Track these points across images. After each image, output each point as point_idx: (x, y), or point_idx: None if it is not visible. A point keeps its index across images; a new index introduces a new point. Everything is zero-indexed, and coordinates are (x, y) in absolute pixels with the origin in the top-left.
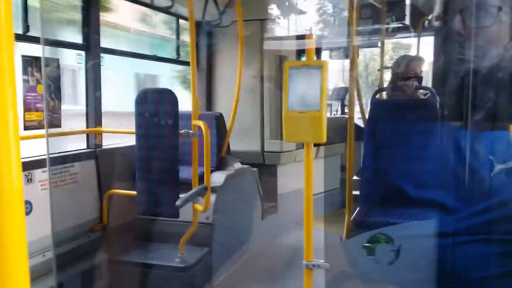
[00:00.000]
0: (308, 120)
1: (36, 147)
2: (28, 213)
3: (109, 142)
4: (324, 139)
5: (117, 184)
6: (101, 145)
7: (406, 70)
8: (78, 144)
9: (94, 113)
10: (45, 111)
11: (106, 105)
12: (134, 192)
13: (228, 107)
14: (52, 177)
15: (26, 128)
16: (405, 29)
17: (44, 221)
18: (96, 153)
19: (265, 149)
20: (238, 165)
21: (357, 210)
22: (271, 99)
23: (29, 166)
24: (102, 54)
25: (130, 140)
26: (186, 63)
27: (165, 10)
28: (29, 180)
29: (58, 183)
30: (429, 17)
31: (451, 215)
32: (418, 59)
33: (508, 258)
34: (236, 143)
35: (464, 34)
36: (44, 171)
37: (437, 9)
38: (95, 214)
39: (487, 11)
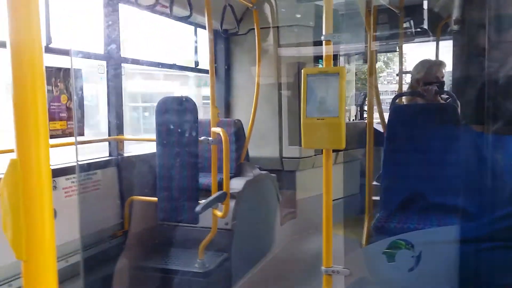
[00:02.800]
0: (327, 127)
1: (58, 155)
2: None
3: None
4: (343, 145)
5: (138, 191)
6: (122, 153)
7: (427, 74)
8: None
9: (115, 122)
10: (75, 120)
11: None
12: (155, 199)
13: (246, 114)
14: (75, 184)
15: (50, 137)
16: (423, 33)
17: (68, 227)
18: (118, 161)
19: (284, 155)
20: (256, 171)
21: (377, 216)
22: (289, 105)
23: (54, 173)
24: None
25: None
26: (205, 71)
27: (184, 20)
28: (53, 187)
29: (81, 190)
30: (448, 21)
31: (473, 221)
32: (439, 64)
33: None
34: (255, 150)
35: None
36: (68, 179)
37: (456, 13)
38: (117, 220)
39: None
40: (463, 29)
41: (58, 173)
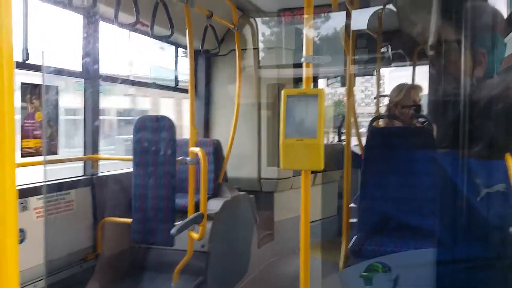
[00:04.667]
0: (306, 148)
1: (33, 174)
2: (21, 241)
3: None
4: (322, 167)
5: (112, 211)
6: (97, 173)
7: (404, 98)
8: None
9: (91, 140)
10: (43, 138)
11: None
12: (129, 220)
13: (226, 134)
14: (47, 205)
15: (23, 155)
16: (400, 58)
17: (38, 250)
18: (92, 180)
19: (262, 176)
20: (235, 192)
21: (354, 238)
22: (268, 126)
23: (24, 193)
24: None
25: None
26: (184, 91)
27: (165, 39)
28: (24, 208)
29: (53, 211)
30: (424, 47)
31: (448, 245)
32: (416, 88)
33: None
34: (233, 170)
35: (457, 64)
36: (40, 198)
37: (431, 39)
38: (89, 242)
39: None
40: (438, 54)
41: (29, 192)
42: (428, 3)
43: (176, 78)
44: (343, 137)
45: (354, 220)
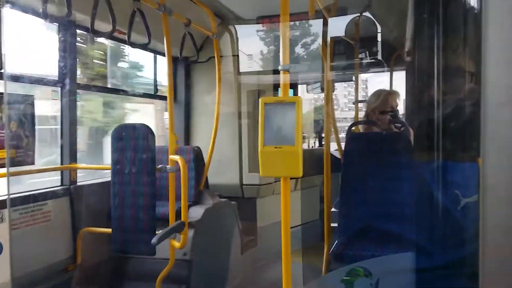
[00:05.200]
0: (284, 155)
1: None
2: None
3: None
4: (301, 173)
5: (92, 221)
6: (75, 182)
7: (381, 104)
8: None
9: (69, 149)
10: (6, 147)
11: None
12: (109, 230)
13: (206, 140)
14: (24, 216)
15: None
16: (378, 64)
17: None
18: (70, 190)
19: (244, 182)
20: (216, 199)
21: (335, 243)
22: (249, 132)
23: (1, 205)
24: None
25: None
26: (164, 98)
27: (142, 47)
28: (2, 219)
29: (30, 222)
30: (401, 53)
31: (426, 251)
32: (393, 93)
33: None
34: (214, 177)
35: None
36: (16, 210)
37: (408, 45)
38: (68, 253)
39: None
40: (414, 60)
41: (4, 204)
42: (404, 10)
43: (155, 85)
44: (323, 142)
45: (335, 224)
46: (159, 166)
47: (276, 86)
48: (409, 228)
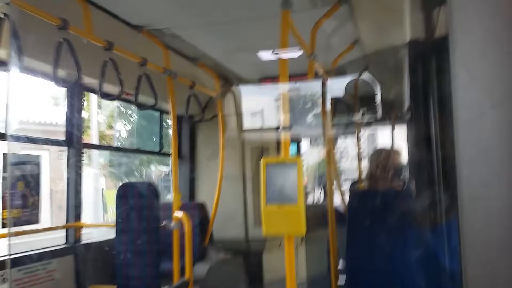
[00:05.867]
0: (287, 214)
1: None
2: None
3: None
4: (304, 232)
5: (96, 279)
6: (80, 240)
7: (383, 162)
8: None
9: (74, 208)
10: (8, 208)
11: None
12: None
13: (211, 196)
14: (28, 275)
15: (3, 226)
16: (379, 120)
17: None
18: (75, 249)
19: (250, 237)
20: (221, 255)
21: None
22: (253, 187)
23: (5, 265)
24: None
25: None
26: (169, 155)
27: (149, 108)
28: (4, 279)
29: (35, 281)
30: (401, 110)
31: None
32: (395, 152)
33: None
34: (220, 232)
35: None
36: (20, 270)
37: (407, 103)
38: None
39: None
40: (412, 119)
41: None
42: (401, 72)
43: (160, 143)
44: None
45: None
46: (163, 223)
47: (279, 143)
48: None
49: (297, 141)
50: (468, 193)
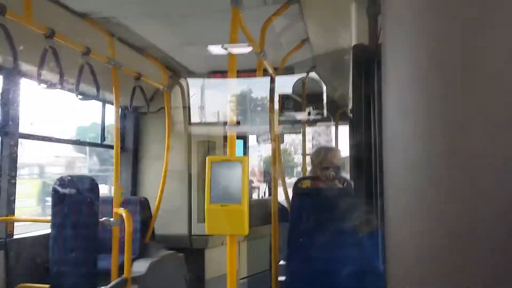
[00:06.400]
0: (230, 213)
1: None
2: None
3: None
4: (246, 232)
5: (28, 276)
6: (12, 235)
7: (323, 160)
8: None
9: (6, 200)
10: None
11: None
12: (47, 286)
13: (155, 190)
14: None
15: None
16: (325, 119)
17: None
18: (6, 243)
19: (193, 233)
20: (162, 252)
21: None
22: (198, 182)
23: None
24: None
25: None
26: (111, 147)
27: (91, 98)
28: None
29: None
30: (345, 110)
31: None
32: (334, 150)
33: None
34: (162, 227)
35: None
36: None
37: (350, 103)
38: None
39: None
40: (354, 118)
41: None
42: (346, 73)
43: (102, 134)
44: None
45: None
46: (103, 219)
47: (226, 138)
48: (356, 285)
49: (244, 138)
50: (393, 201)
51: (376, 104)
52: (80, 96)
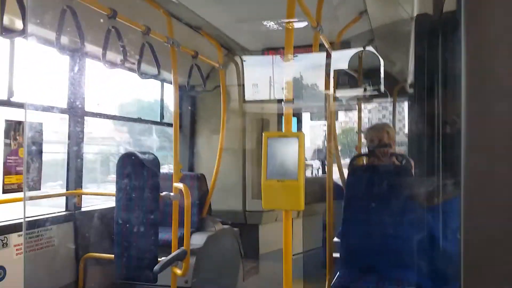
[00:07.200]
0: (286, 189)
1: (14, 210)
2: (1, 278)
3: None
4: (302, 207)
5: (95, 247)
6: (80, 207)
7: (377, 138)
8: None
9: (75, 175)
10: (24, 173)
11: None
12: (112, 256)
13: (211, 167)
14: (28, 241)
15: (5, 191)
16: (382, 95)
17: (18, 286)
18: (74, 216)
19: (247, 209)
20: (219, 226)
21: (337, 275)
22: (253, 159)
23: (5, 230)
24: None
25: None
26: (170, 125)
27: (152, 77)
28: (4, 244)
29: (34, 247)
30: (404, 85)
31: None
32: (388, 127)
33: None
34: (218, 203)
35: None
36: (21, 235)
37: (410, 78)
38: (71, 278)
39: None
40: (415, 94)
41: (10, 229)
42: (406, 46)
43: (161, 112)
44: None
45: (337, 255)
46: (163, 193)
47: (280, 115)
48: (410, 263)
49: (298, 115)
50: (472, 178)
51: (441, 77)
52: (141, 75)
